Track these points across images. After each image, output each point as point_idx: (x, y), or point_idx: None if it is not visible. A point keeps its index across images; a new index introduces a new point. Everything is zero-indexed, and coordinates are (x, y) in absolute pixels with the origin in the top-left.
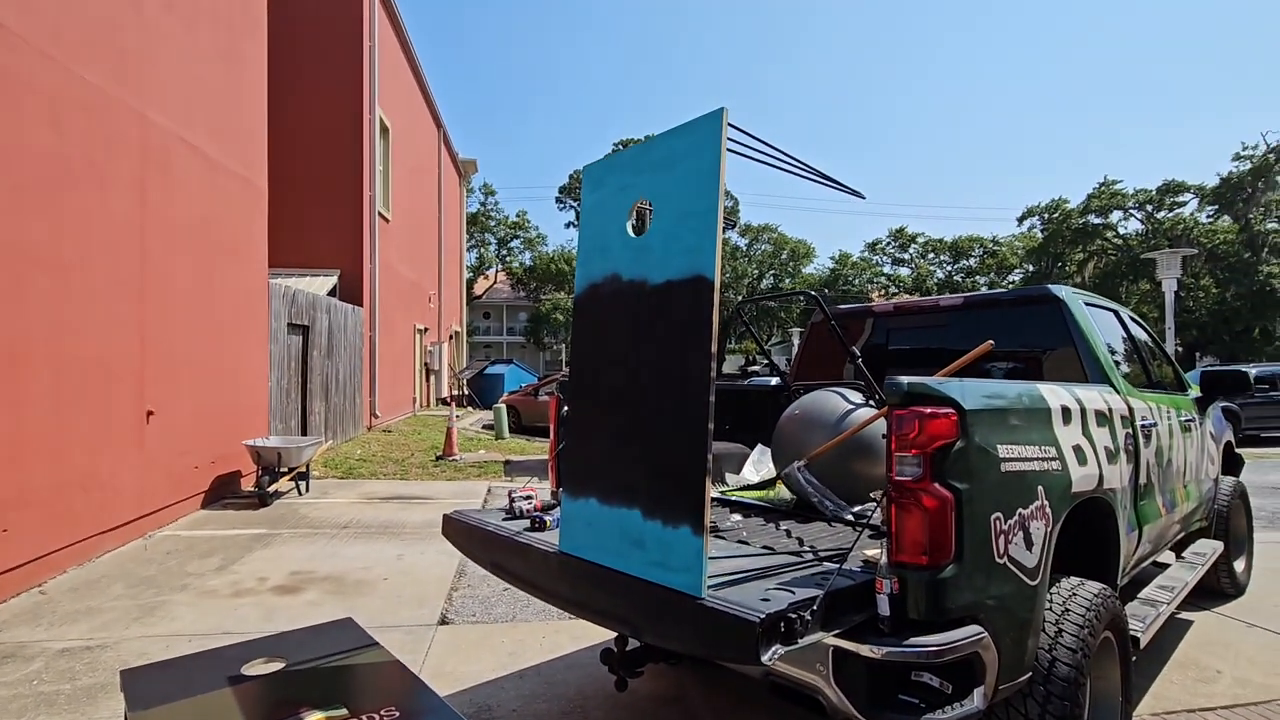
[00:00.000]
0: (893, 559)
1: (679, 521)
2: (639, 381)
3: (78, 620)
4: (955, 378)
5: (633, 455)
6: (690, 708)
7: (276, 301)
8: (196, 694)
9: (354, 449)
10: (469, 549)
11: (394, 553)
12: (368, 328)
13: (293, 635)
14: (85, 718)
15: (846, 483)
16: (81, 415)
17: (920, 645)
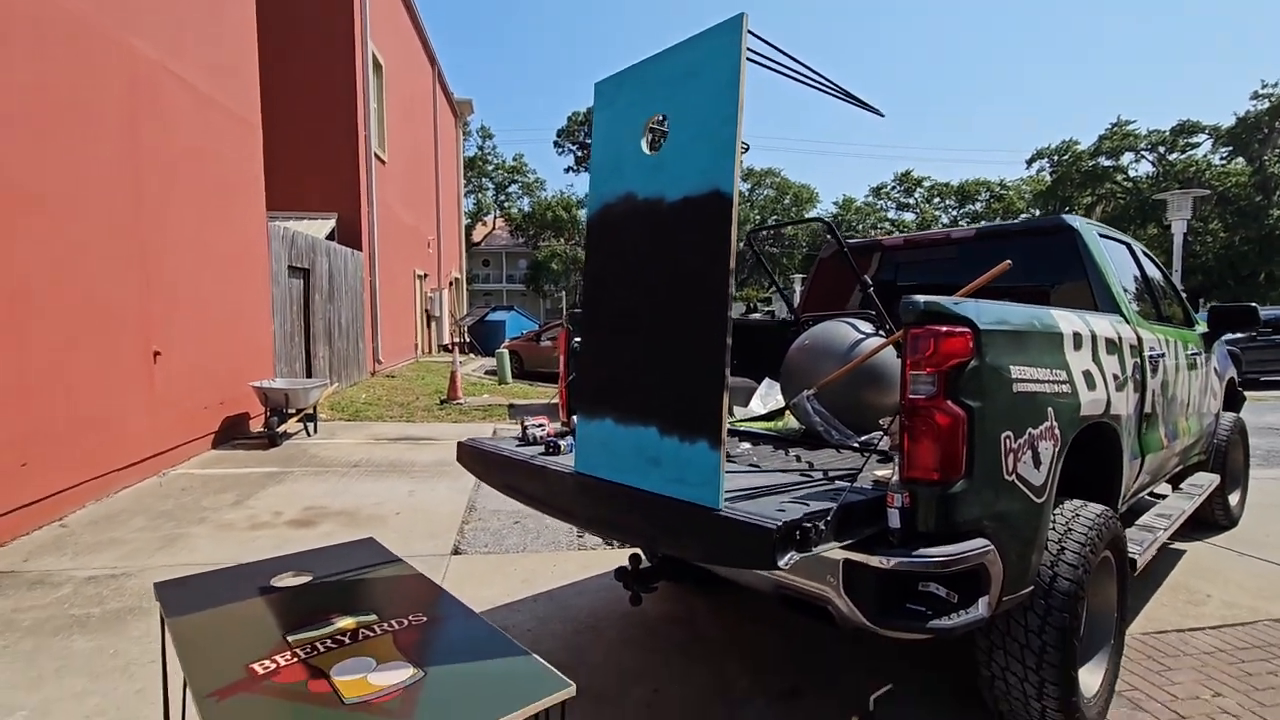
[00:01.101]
0: (904, 475)
1: (696, 437)
2: (656, 300)
3: (101, 550)
4: (971, 299)
5: (649, 374)
6: (698, 627)
7: (276, 243)
8: (229, 603)
9: (359, 393)
10: (484, 473)
11: (405, 489)
12: (368, 272)
13: (317, 552)
14: (117, 636)
15: (854, 412)
16: (89, 354)
17: (929, 556)
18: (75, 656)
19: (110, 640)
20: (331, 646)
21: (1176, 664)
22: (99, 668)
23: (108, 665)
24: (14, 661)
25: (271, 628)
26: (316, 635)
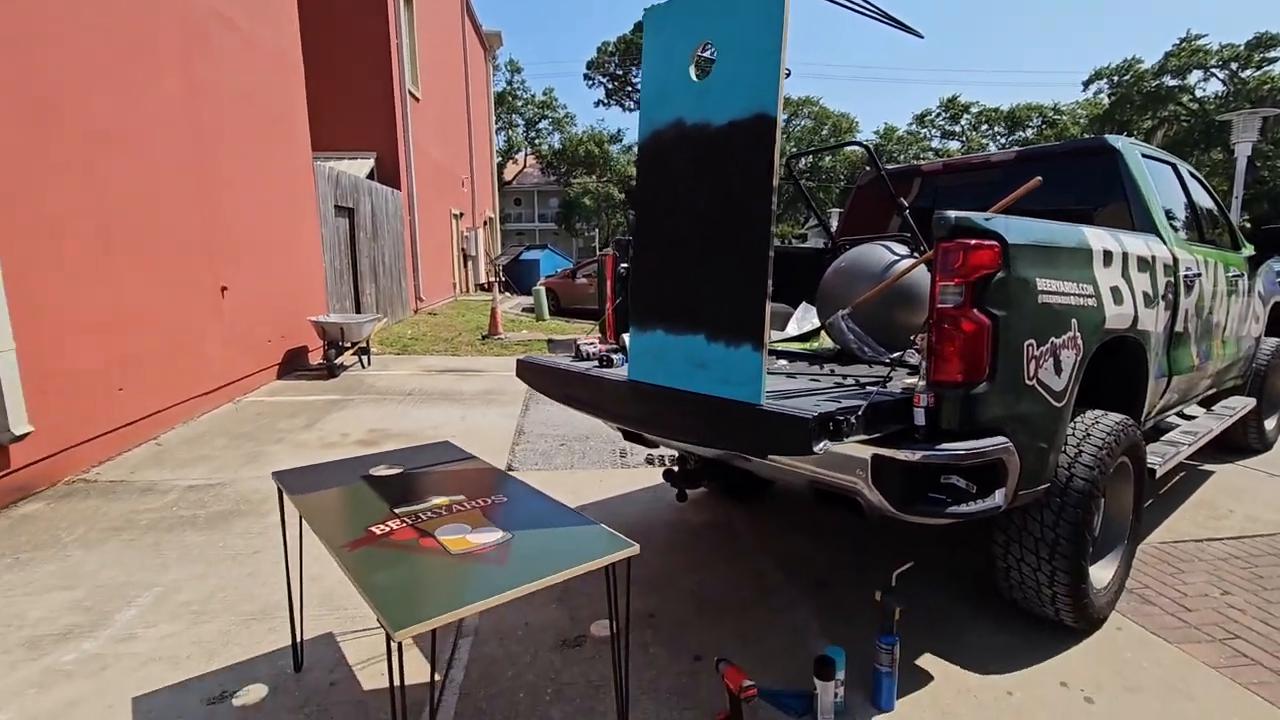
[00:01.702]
0: (931, 378)
1: (741, 341)
2: (704, 219)
3: (194, 465)
4: (1002, 215)
5: (698, 288)
6: (735, 533)
7: (322, 183)
8: (338, 486)
9: (404, 329)
10: (543, 386)
11: (457, 415)
12: (407, 211)
13: (402, 451)
14: (223, 533)
15: (887, 331)
16: (167, 287)
17: (951, 450)
18: (191, 548)
19: (218, 536)
20: (431, 516)
21: (1190, 568)
22: (212, 557)
23: (219, 555)
24: (141, 551)
25: (379, 502)
26: (418, 508)
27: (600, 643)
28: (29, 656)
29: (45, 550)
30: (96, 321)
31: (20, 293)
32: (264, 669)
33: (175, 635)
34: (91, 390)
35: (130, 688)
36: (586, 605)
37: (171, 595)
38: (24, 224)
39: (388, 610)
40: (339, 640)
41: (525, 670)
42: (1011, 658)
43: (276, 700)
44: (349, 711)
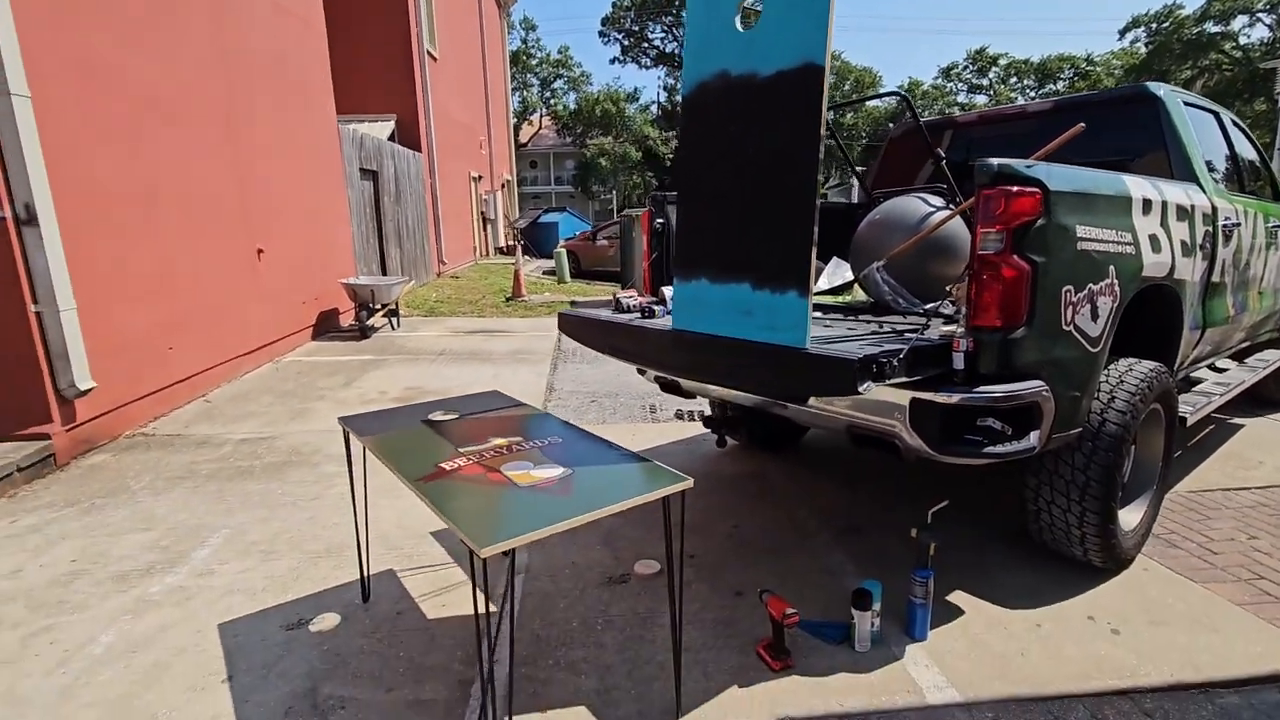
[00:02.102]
0: (970, 322)
1: (786, 288)
2: (749, 170)
3: (244, 420)
4: (1043, 163)
5: (743, 237)
6: (770, 482)
7: (347, 146)
8: (402, 429)
9: (429, 293)
10: (586, 337)
11: (489, 373)
12: (428, 174)
13: (455, 399)
14: (280, 481)
15: (921, 282)
16: (207, 250)
17: (988, 393)
18: (251, 495)
19: (275, 484)
20: (495, 455)
21: (1217, 515)
22: (272, 502)
23: (278, 501)
24: (205, 498)
25: (444, 443)
26: (480, 448)
27: (644, 580)
28: (119, 588)
29: (117, 496)
30: (145, 284)
31: (76, 255)
32: (334, 600)
33: (249, 571)
34: (143, 350)
35: (214, 616)
36: (629, 547)
37: (240, 536)
38: (77, 189)
39: (472, 531)
40: (399, 576)
41: (575, 603)
42: (1039, 594)
43: (349, 627)
44: (417, 637)
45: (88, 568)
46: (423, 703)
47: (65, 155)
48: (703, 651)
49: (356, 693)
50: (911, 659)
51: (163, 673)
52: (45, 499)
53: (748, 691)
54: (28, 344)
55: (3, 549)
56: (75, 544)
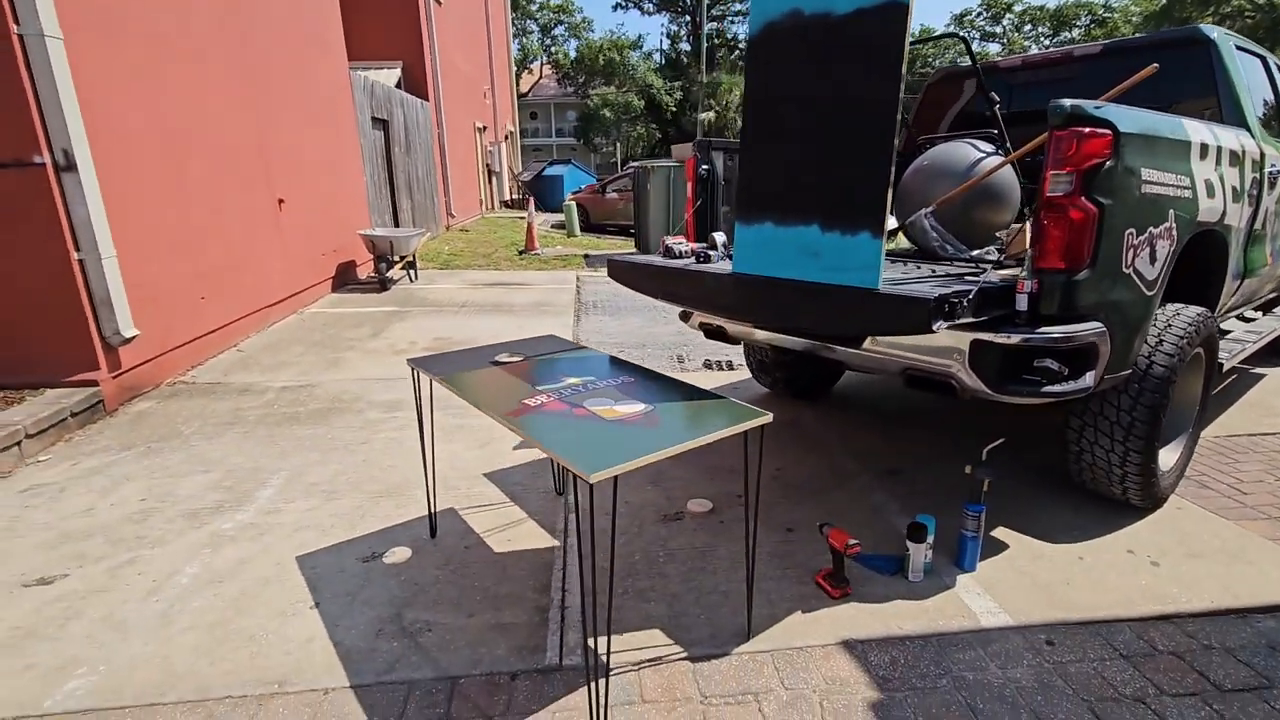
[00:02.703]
0: (1035, 265)
1: (859, 228)
2: (823, 111)
3: (280, 369)
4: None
5: (814, 178)
6: (808, 430)
7: (359, 94)
8: (475, 369)
9: (441, 246)
10: (639, 284)
11: (514, 324)
12: (435, 123)
13: (516, 342)
14: (327, 427)
15: (968, 229)
16: (232, 201)
17: (1050, 334)
18: (301, 439)
19: (323, 430)
20: (574, 392)
21: (1245, 458)
22: (324, 447)
23: (330, 445)
24: (258, 442)
25: (520, 382)
26: (558, 386)
27: (698, 518)
28: (192, 525)
29: (171, 441)
30: (178, 233)
31: (112, 203)
32: (403, 536)
33: (314, 509)
34: (178, 299)
35: (290, 549)
36: (679, 487)
37: (299, 478)
38: (110, 136)
39: (577, 459)
40: (461, 514)
41: (635, 539)
42: (1079, 530)
43: (422, 559)
44: (488, 569)
45: (157, 506)
46: (504, 626)
47: (97, 102)
48: (764, 582)
49: (440, 617)
50: (964, 587)
51: (251, 601)
52: (101, 443)
53: (811, 616)
54: (72, 291)
55: (71, 489)
56: (140, 484)
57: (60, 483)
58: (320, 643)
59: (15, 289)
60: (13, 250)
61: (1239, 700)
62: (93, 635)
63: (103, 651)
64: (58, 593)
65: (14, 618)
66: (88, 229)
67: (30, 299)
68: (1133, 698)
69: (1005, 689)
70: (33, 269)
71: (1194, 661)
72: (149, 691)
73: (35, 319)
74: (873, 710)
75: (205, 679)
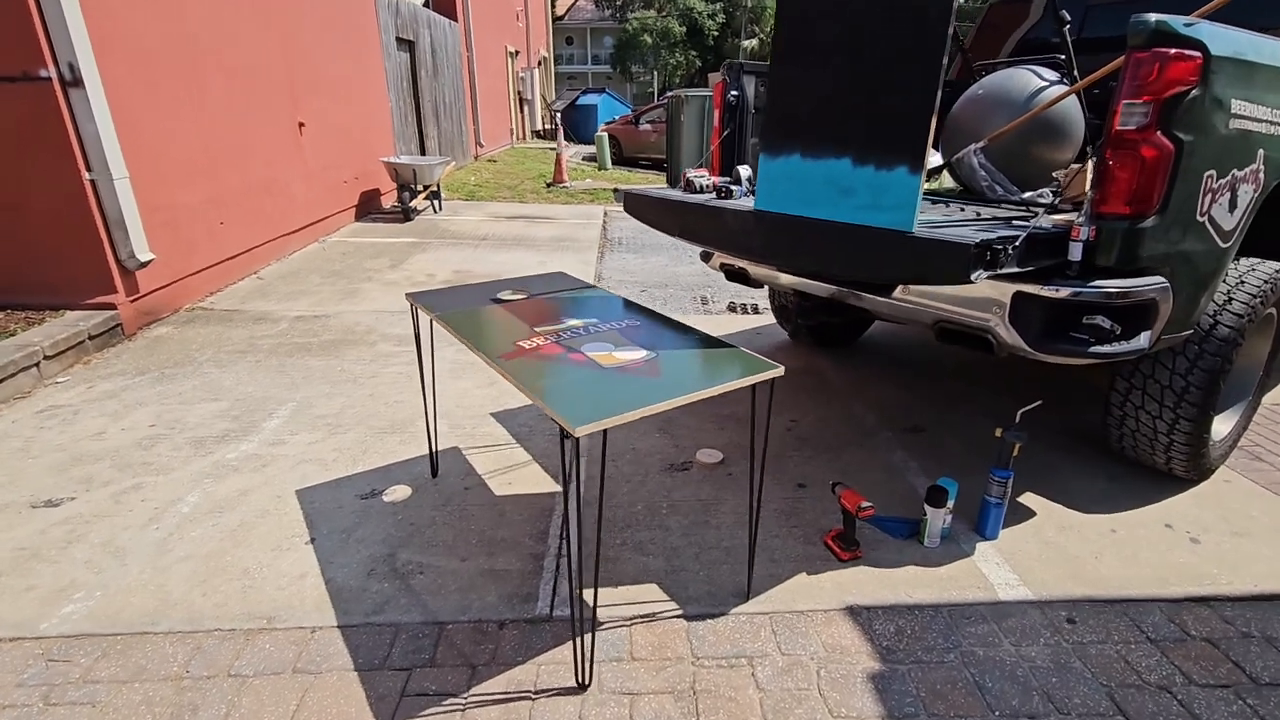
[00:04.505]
0: (1095, 208)
1: (895, 162)
2: (863, 24)
3: (296, 298)
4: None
5: (848, 103)
6: (826, 380)
7: (384, 13)
8: (474, 307)
9: (467, 176)
10: (656, 219)
11: (534, 259)
12: (465, 46)
13: (522, 279)
14: (338, 359)
15: (1022, 169)
16: (252, 123)
17: (1104, 289)
18: (313, 371)
19: (335, 361)
20: (573, 335)
21: None
22: (333, 378)
23: (339, 377)
24: (269, 372)
25: (519, 322)
26: (557, 328)
27: (706, 469)
28: (198, 453)
29: (184, 368)
30: (194, 155)
31: (123, 122)
32: (403, 474)
33: (318, 443)
34: (196, 223)
35: (291, 482)
36: (688, 435)
37: (306, 409)
38: (119, 51)
39: (564, 410)
40: (464, 454)
41: (639, 488)
42: (1114, 500)
43: (420, 498)
44: (485, 511)
45: (165, 433)
46: (497, 573)
47: (105, 14)
48: (769, 539)
49: (433, 560)
50: (982, 556)
51: (248, 532)
52: (117, 367)
53: (815, 579)
54: (85, 212)
55: (85, 412)
56: (151, 410)
57: (75, 405)
58: (312, 579)
59: (31, 209)
60: (26, 169)
61: (1276, 696)
62: (92, 560)
63: (100, 577)
64: (63, 515)
65: (20, 538)
66: (98, 148)
67: (46, 219)
68: (1157, 685)
69: (1018, 668)
70: (46, 189)
71: (1229, 650)
72: (142, 619)
73: (52, 240)
74: (872, 682)
75: (197, 610)
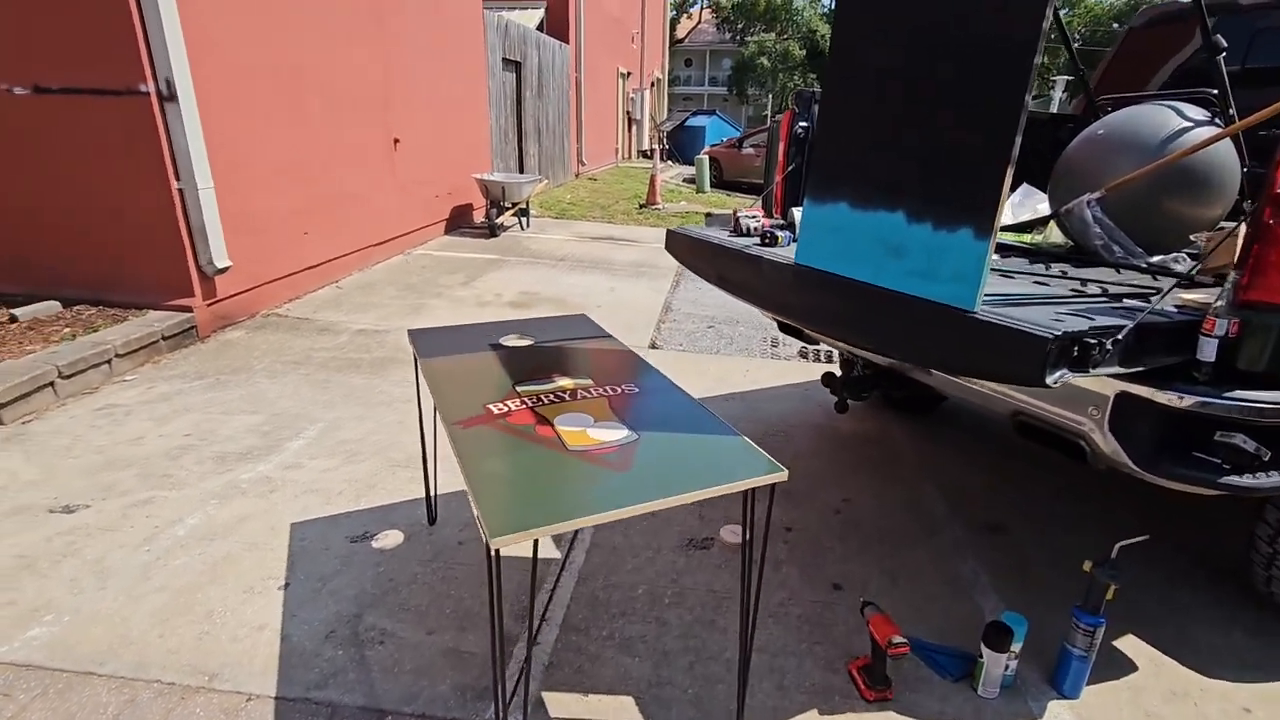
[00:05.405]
0: (1240, 294)
1: (957, 222)
2: (924, 54)
3: (365, 310)
4: None
5: (905, 147)
6: (892, 449)
7: (491, 34)
8: (466, 353)
9: (564, 194)
10: (694, 262)
11: (606, 285)
12: (573, 67)
13: (538, 320)
14: (381, 379)
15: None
16: (346, 138)
17: (1248, 401)
18: (354, 390)
19: (377, 381)
20: (554, 400)
21: None
22: (370, 400)
23: (376, 399)
24: (313, 387)
25: (503, 377)
26: (540, 389)
27: (730, 549)
28: (216, 469)
29: (239, 375)
30: (283, 167)
31: (214, 134)
32: (402, 516)
33: (331, 471)
34: (279, 233)
35: (289, 514)
36: (719, 504)
37: (333, 432)
38: (217, 67)
39: (489, 513)
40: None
41: (646, 565)
42: (1252, 665)
43: (409, 549)
44: (471, 574)
45: (196, 444)
46: (460, 655)
47: (203, 31)
48: (782, 656)
49: (398, 628)
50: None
51: (230, 567)
52: (181, 369)
53: None
54: (171, 219)
55: (136, 414)
56: (193, 418)
57: (130, 406)
58: (269, 634)
59: (128, 213)
60: (126, 176)
61: None
62: (77, 579)
63: (76, 599)
64: (72, 524)
65: (25, 544)
66: (187, 159)
67: (140, 223)
68: None
69: None
70: (141, 195)
71: None
72: (93, 656)
73: (142, 243)
74: None
75: (148, 653)
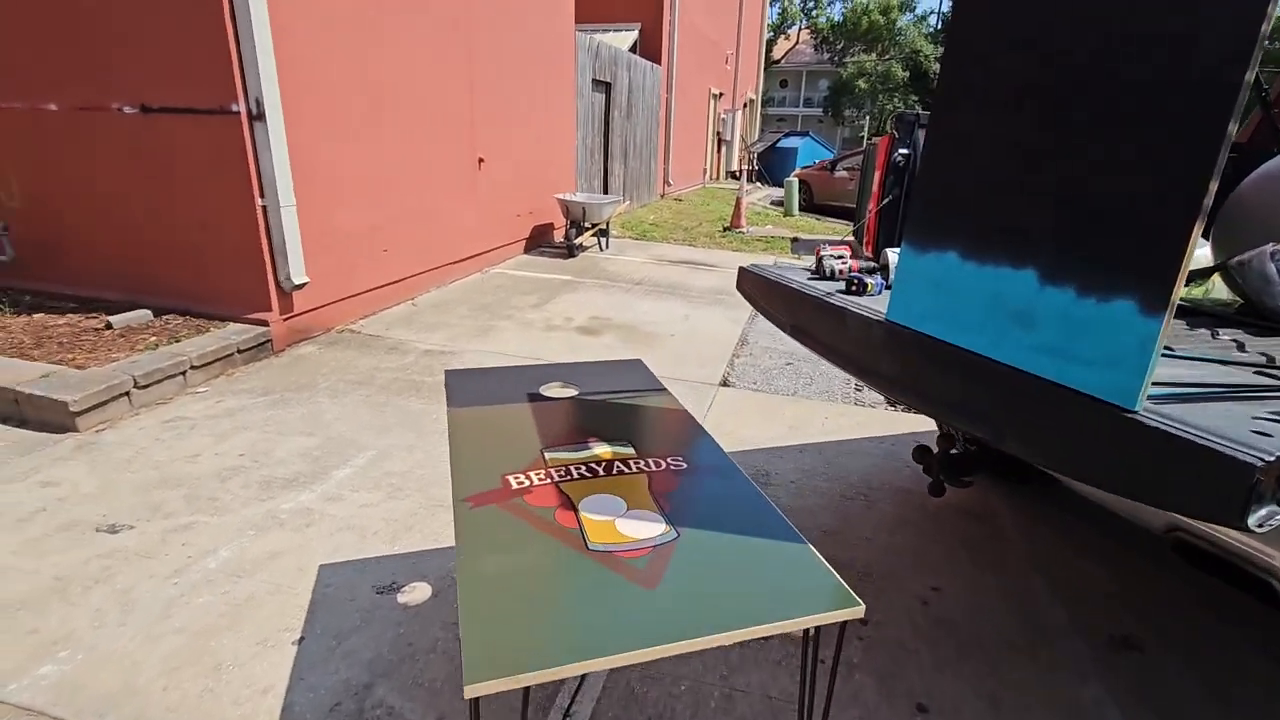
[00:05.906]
0: None
1: (1113, 291)
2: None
3: (435, 330)
4: None
5: (1039, 184)
6: (997, 529)
7: (582, 55)
8: (500, 403)
9: (647, 214)
10: (767, 307)
11: (681, 312)
12: (665, 89)
13: (587, 366)
14: (439, 404)
15: None
16: (429, 156)
17: None
18: (409, 415)
19: (433, 407)
20: (585, 475)
21: None
22: (424, 428)
23: (430, 427)
24: (370, 410)
25: (532, 439)
26: (572, 459)
27: (793, 641)
28: (260, 496)
29: (303, 393)
30: (365, 184)
31: (298, 152)
32: (434, 566)
33: (371, 507)
34: (358, 250)
35: (321, 553)
36: None
37: (381, 461)
38: (302, 91)
39: (476, 638)
40: None
41: (692, 656)
42: None
43: (434, 607)
44: None
45: (248, 465)
46: None
47: (294, 50)
48: None
49: (407, 707)
50: None
51: (251, 611)
52: (250, 384)
53: None
54: (254, 235)
55: (199, 429)
56: (250, 437)
57: (195, 420)
58: (271, 700)
59: (211, 227)
60: (211, 191)
61: None
62: (102, 609)
63: (96, 634)
64: (112, 546)
65: (65, 565)
66: (271, 177)
67: (222, 237)
68: None
69: None
70: (228, 211)
71: None
72: (91, 707)
73: (226, 257)
74: None
75: (148, 709)
